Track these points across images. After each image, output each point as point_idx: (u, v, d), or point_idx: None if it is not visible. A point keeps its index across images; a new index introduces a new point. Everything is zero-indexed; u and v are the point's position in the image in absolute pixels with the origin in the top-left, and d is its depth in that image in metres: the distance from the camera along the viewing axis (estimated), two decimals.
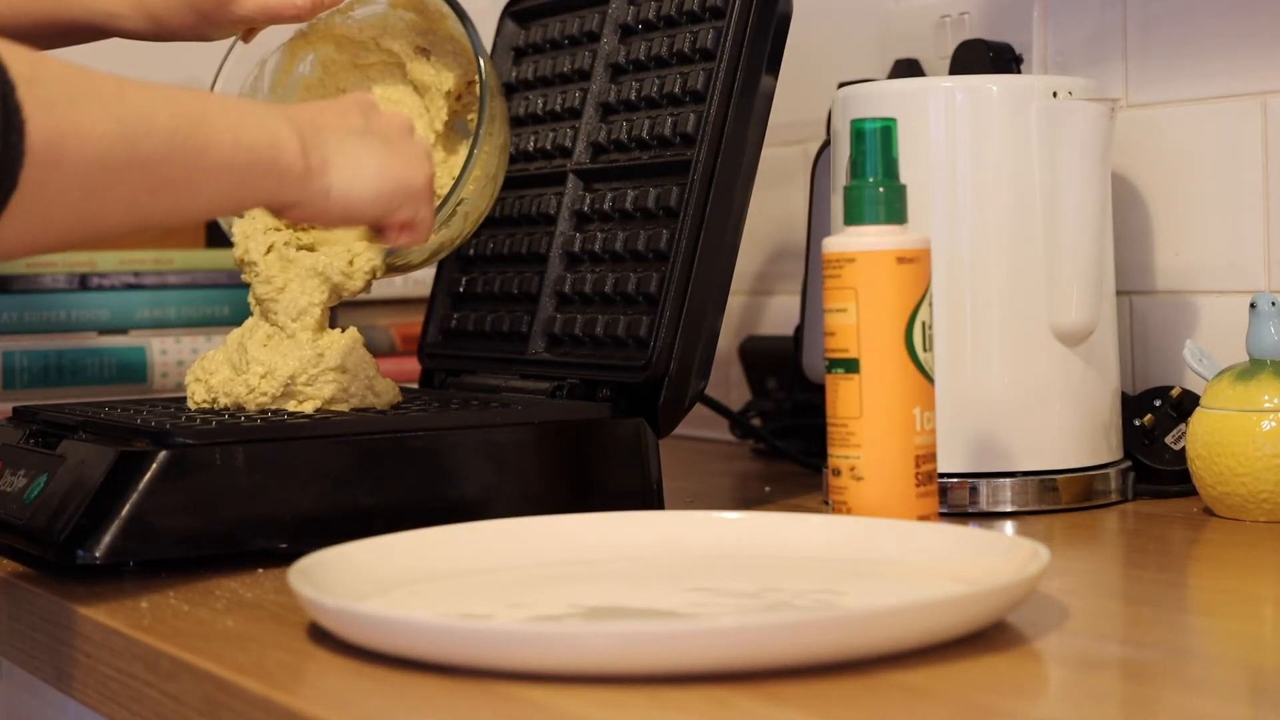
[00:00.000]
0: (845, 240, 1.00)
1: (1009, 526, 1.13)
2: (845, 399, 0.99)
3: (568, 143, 1.31)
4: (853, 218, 1.00)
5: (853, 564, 0.94)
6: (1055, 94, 1.17)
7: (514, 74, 1.39)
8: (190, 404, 1.17)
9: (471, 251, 1.38)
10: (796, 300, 1.51)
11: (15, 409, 1.24)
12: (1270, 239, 1.24)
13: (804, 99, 1.55)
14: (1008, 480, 1.17)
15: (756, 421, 1.57)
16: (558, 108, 1.33)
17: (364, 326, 1.67)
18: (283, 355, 1.13)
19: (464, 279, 1.38)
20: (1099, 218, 1.18)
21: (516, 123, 1.37)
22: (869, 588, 0.89)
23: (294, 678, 0.80)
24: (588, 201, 1.28)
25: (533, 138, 1.34)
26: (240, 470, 1.03)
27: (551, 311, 1.28)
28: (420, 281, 1.67)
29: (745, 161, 1.17)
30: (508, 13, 1.42)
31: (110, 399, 1.36)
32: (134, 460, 1.02)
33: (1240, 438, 1.10)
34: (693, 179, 1.17)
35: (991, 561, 0.88)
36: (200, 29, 1.20)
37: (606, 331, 1.21)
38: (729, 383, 1.68)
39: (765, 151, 1.20)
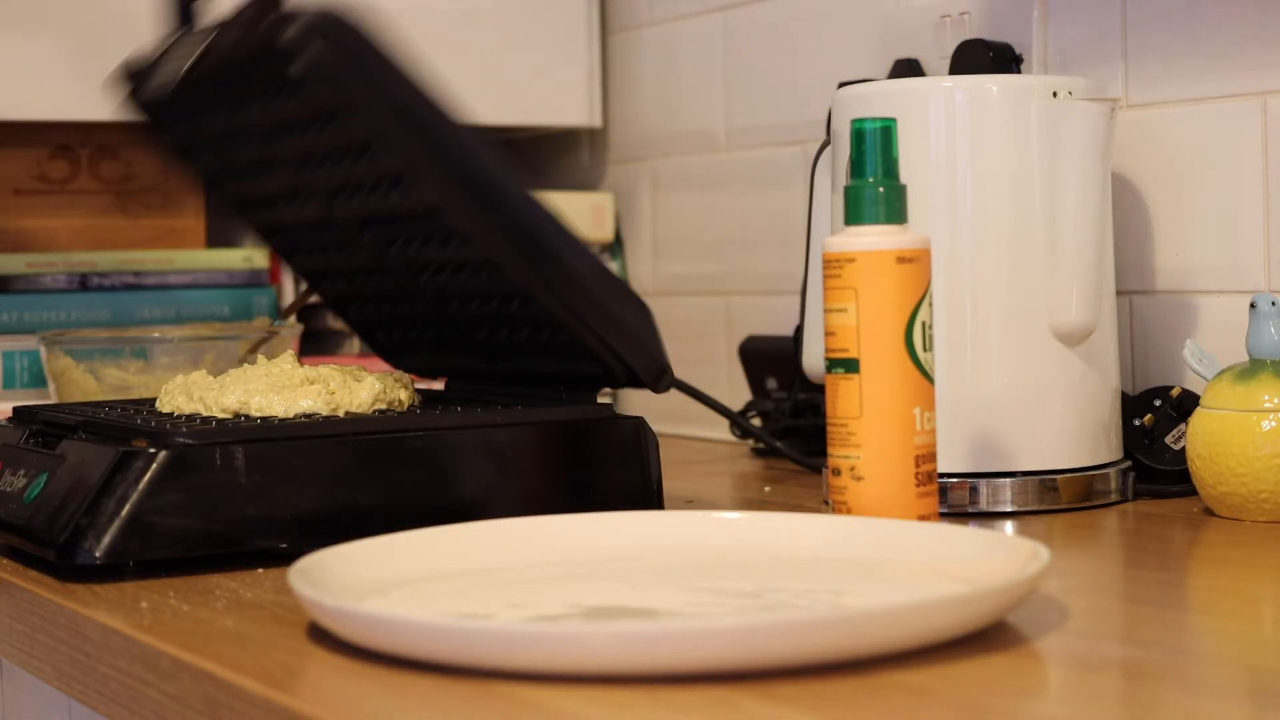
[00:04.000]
0: (845, 240, 1.00)
1: (1009, 526, 1.13)
2: (845, 399, 0.99)
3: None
4: (853, 218, 1.00)
5: (853, 564, 0.94)
6: (1055, 94, 1.17)
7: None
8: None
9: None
10: (796, 300, 1.51)
11: (15, 409, 1.24)
12: (1270, 239, 1.24)
13: (804, 99, 1.55)
14: (1008, 480, 1.17)
15: (756, 421, 1.57)
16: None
17: None
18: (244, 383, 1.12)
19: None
20: (1099, 218, 1.18)
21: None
22: (869, 588, 0.89)
23: (294, 678, 0.80)
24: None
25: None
26: (240, 470, 1.03)
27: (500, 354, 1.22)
28: None
29: (496, 176, 1.06)
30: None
31: (110, 399, 1.36)
32: (134, 460, 1.02)
33: (1240, 438, 1.10)
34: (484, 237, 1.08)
35: (991, 561, 0.88)
36: None
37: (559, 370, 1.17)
38: (729, 383, 1.68)
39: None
